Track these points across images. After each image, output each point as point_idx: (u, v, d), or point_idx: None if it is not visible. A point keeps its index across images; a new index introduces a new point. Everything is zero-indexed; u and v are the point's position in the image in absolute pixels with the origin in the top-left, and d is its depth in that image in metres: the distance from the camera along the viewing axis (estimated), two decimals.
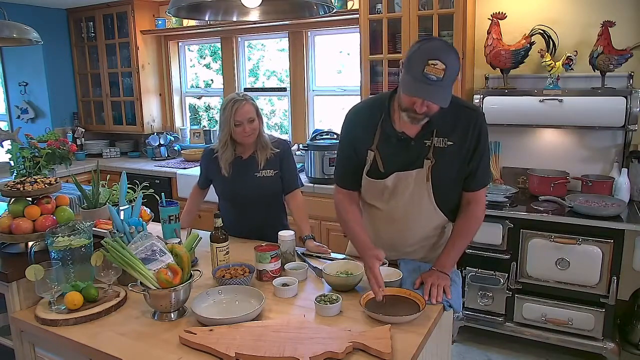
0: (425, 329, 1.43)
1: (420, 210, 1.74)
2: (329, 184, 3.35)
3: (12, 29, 2.59)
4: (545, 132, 3.12)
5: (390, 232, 1.81)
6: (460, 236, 1.74)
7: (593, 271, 2.58)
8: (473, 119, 1.66)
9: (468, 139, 1.65)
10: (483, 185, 1.75)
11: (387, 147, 1.69)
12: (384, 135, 1.69)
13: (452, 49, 1.49)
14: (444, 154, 1.65)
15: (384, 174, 1.70)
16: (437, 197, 1.71)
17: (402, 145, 1.66)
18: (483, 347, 2.94)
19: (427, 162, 1.65)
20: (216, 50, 4.69)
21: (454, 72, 1.45)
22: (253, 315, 1.46)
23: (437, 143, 1.64)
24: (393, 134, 1.66)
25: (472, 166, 1.69)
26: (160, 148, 4.55)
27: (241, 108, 2.09)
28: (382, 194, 1.75)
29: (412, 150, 1.66)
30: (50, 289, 1.53)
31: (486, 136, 1.69)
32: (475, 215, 1.75)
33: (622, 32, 2.81)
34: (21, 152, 2.23)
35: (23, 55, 4.60)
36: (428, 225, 1.79)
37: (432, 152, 1.64)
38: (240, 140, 2.15)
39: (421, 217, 1.76)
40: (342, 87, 3.95)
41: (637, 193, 2.86)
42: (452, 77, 1.45)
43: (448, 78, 1.43)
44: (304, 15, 1.96)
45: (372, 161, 1.71)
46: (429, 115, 1.54)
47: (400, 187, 1.71)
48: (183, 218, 2.28)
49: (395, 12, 3.14)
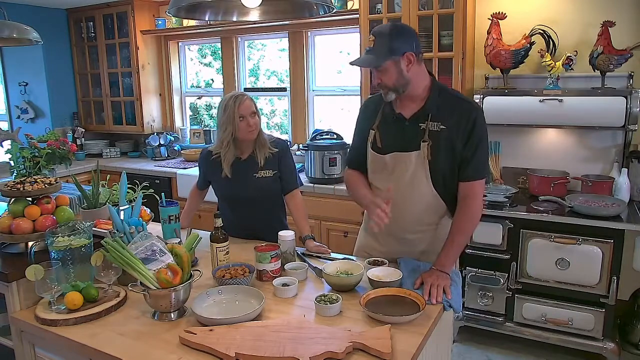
0: (425, 329, 1.43)
1: (419, 194, 1.81)
2: (329, 184, 3.35)
3: (12, 29, 2.59)
4: (545, 132, 3.12)
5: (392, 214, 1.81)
6: (458, 233, 1.77)
7: (593, 271, 2.57)
8: (467, 110, 1.77)
9: (462, 127, 1.75)
10: (478, 175, 1.79)
11: (386, 127, 1.86)
12: (384, 116, 1.87)
13: (389, 24, 1.76)
14: (439, 138, 1.76)
15: (383, 150, 1.84)
16: (435, 182, 1.79)
17: (399, 126, 1.82)
18: (483, 347, 2.94)
19: (424, 145, 1.76)
20: (216, 50, 4.69)
21: (382, 40, 1.69)
22: (253, 315, 1.46)
23: (431, 127, 1.77)
24: (391, 114, 1.84)
25: (466, 155, 1.75)
26: (160, 148, 4.55)
27: (243, 102, 2.12)
28: (383, 172, 1.86)
29: (408, 131, 1.80)
30: (50, 289, 1.53)
31: (482, 129, 1.77)
32: (472, 211, 1.79)
33: (622, 32, 2.81)
34: (21, 152, 2.23)
35: (23, 55, 4.60)
36: (427, 210, 1.84)
37: (427, 135, 1.76)
38: (243, 137, 2.15)
39: (421, 201, 1.82)
40: (342, 87, 3.95)
41: (637, 193, 2.86)
42: (381, 44, 1.69)
43: (377, 45, 1.70)
44: (304, 15, 1.96)
45: (372, 139, 1.87)
46: (386, 87, 1.74)
47: (399, 167, 1.82)
48: (183, 218, 2.28)
49: (395, 12, 3.14)
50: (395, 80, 1.72)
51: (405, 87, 1.74)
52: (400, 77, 1.72)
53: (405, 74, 1.72)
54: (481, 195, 1.82)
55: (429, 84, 1.80)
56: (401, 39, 1.70)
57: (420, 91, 1.79)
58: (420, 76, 1.77)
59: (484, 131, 1.78)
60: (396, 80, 1.72)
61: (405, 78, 1.72)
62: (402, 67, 1.70)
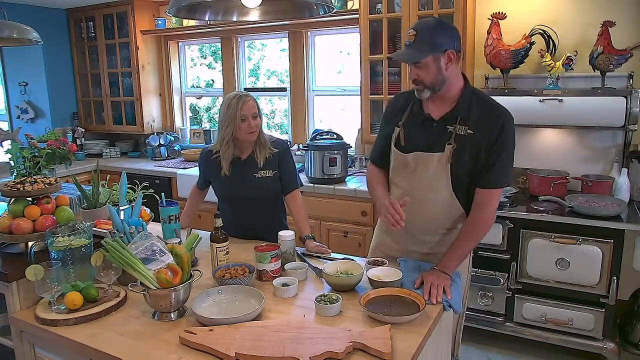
0: (425, 329, 1.43)
1: (438, 196, 1.79)
2: (329, 184, 3.35)
3: (12, 29, 2.59)
4: (545, 132, 3.12)
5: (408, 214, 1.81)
6: (466, 239, 1.76)
7: (593, 271, 2.57)
8: (497, 117, 1.73)
9: (489, 133, 1.70)
10: (497, 184, 1.75)
11: (412, 126, 1.83)
12: (412, 115, 1.84)
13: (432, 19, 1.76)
14: (464, 141, 1.72)
15: (406, 148, 1.82)
16: (455, 185, 1.76)
17: (426, 126, 1.79)
18: (483, 347, 2.94)
19: (449, 147, 1.72)
20: (217, 50, 4.69)
21: (425, 35, 1.66)
22: (253, 315, 1.46)
23: (458, 130, 1.73)
24: (419, 114, 1.81)
25: (488, 161, 1.72)
26: (160, 148, 4.55)
27: (246, 103, 2.11)
28: (404, 170, 1.84)
29: (434, 133, 1.77)
30: (50, 289, 1.53)
31: (510, 137, 1.72)
32: (484, 218, 1.76)
33: (622, 32, 2.81)
34: (21, 152, 2.23)
35: (23, 55, 4.60)
36: (444, 213, 1.82)
37: (453, 138, 1.72)
38: (243, 138, 2.15)
39: (438, 202, 1.80)
40: (342, 87, 3.95)
41: (637, 193, 2.86)
42: (423, 38, 1.65)
43: (419, 40, 1.66)
44: (304, 15, 1.97)
45: (396, 136, 1.85)
46: (423, 84, 1.70)
47: (420, 167, 1.79)
48: (183, 218, 2.28)
49: (395, 12, 3.14)
50: (434, 77, 1.68)
51: (442, 85, 1.71)
52: (438, 74, 1.68)
53: (444, 72, 1.68)
54: (496, 204, 1.78)
55: (462, 86, 1.76)
56: (444, 35, 1.67)
57: (453, 93, 1.75)
58: (456, 77, 1.74)
59: (512, 140, 1.73)
60: (434, 78, 1.68)
61: (444, 76, 1.69)
62: (441, 64, 1.67)
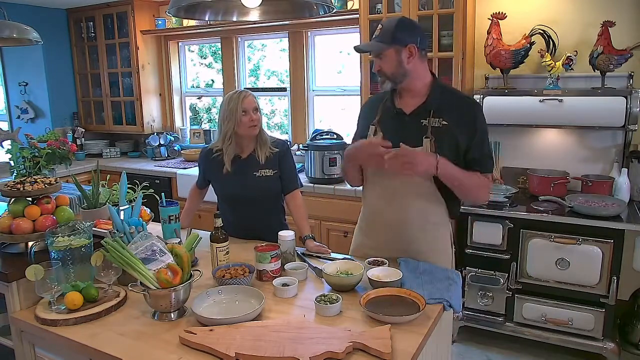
0: (425, 329, 1.43)
1: (418, 189, 1.81)
2: (329, 184, 3.35)
3: (12, 29, 2.59)
4: (545, 132, 3.12)
5: (390, 213, 1.85)
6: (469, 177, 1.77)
7: (593, 271, 2.58)
8: (466, 106, 1.83)
9: (463, 122, 1.78)
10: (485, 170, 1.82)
11: (386, 122, 1.87)
12: (384, 111, 1.88)
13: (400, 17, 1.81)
14: (440, 133, 1.77)
15: None
16: (436, 178, 1.78)
17: (399, 121, 1.83)
18: (483, 347, 2.94)
19: (426, 141, 1.75)
20: (217, 50, 4.69)
21: (388, 29, 1.74)
22: (253, 315, 1.46)
23: (433, 123, 1.78)
24: (391, 109, 1.86)
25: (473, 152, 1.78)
26: (160, 148, 4.55)
27: (247, 97, 2.14)
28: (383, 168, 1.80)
29: (409, 127, 1.81)
30: (50, 289, 1.53)
31: (484, 123, 1.82)
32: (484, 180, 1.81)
33: (622, 32, 2.81)
34: (21, 152, 2.23)
35: (23, 55, 4.60)
36: (427, 208, 1.84)
37: (429, 131, 1.77)
38: (244, 132, 2.15)
39: (420, 198, 1.83)
40: (342, 87, 3.95)
41: (637, 193, 2.86)
42: (387, 32, 1.74)
43: (383, 33, 1.75)
44: (304, 15, 1.97)
45: (373, 134, 1.87)
46: (384, 74, 1.78)
47: None
48: (183, 218, 2.28)
49: (395, 12, 3.14)
50: (395, 69, 1.76)
51: (403, 78, 1.78)
52: (399, 66, 1.76)
53: (405, 65, 1.75)
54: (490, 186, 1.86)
55: (429, 81, 1.83)
56: (406, 31, 1.75)
57: (420, 87, 1.81)
58: (420, 71, 1.80)
59: (485, 125, 1.83)
60: (395, 69, 1.76)
61: (405, 69, 1.76)
62: (402, 57, 1.75)
